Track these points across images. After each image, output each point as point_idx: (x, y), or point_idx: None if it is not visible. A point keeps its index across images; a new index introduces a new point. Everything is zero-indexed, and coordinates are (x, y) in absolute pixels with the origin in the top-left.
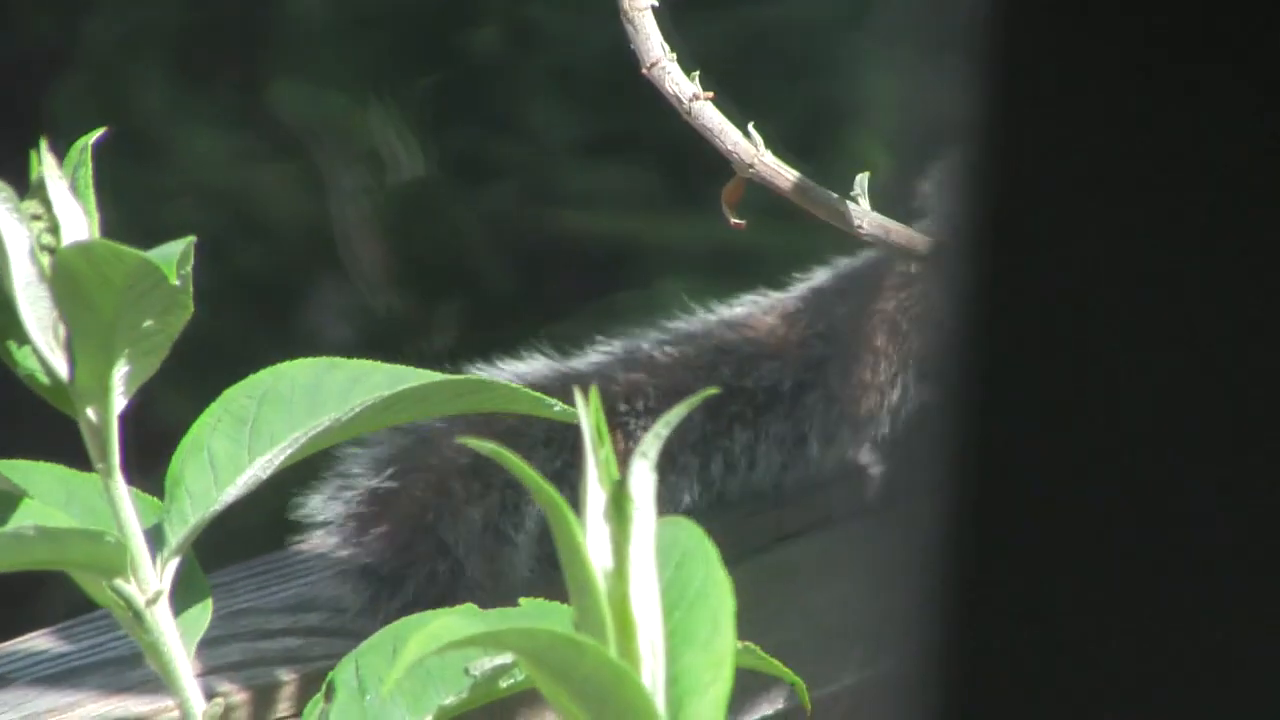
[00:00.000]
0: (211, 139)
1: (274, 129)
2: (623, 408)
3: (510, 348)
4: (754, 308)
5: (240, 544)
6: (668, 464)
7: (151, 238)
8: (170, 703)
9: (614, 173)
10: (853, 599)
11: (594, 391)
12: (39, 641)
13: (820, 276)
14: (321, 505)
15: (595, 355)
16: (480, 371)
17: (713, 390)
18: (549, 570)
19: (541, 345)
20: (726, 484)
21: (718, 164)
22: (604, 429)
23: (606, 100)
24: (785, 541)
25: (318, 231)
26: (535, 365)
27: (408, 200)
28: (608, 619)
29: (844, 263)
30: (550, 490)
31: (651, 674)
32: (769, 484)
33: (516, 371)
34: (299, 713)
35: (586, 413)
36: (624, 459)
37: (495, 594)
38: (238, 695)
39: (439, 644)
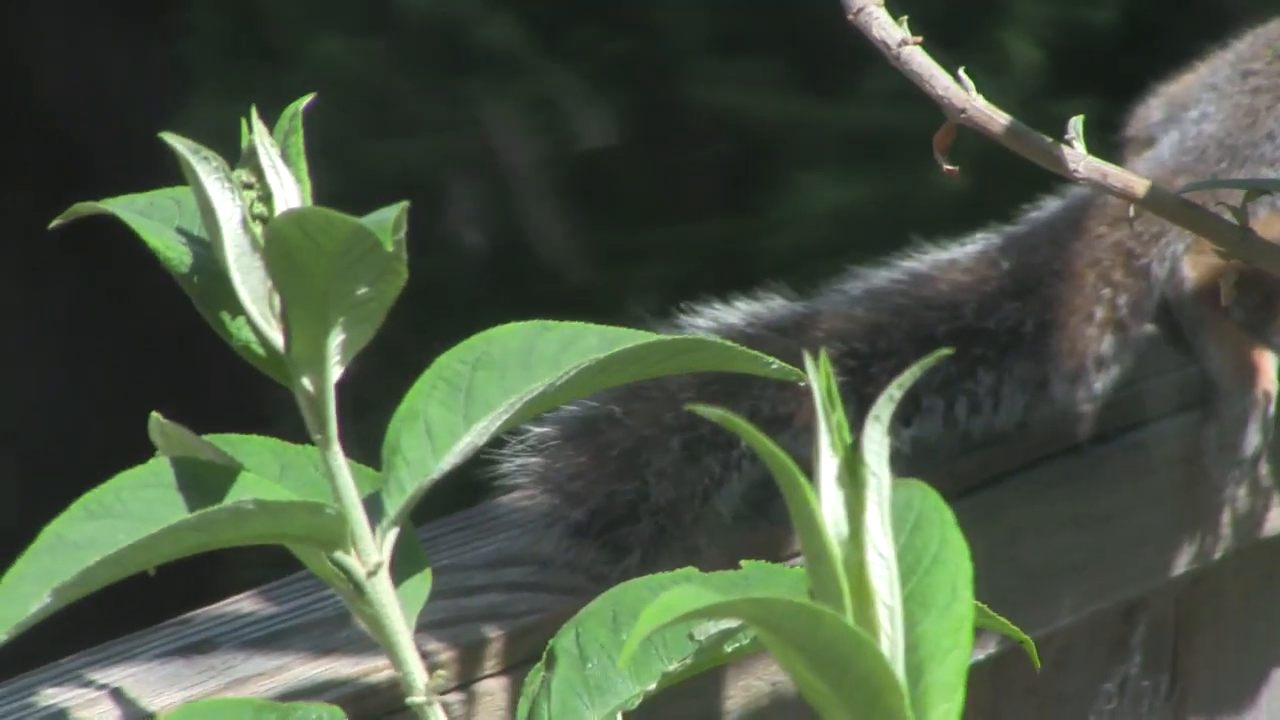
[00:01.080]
0: (343, 42)
1: (404, 33)
2: (864, 349)
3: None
4: (982, 247)
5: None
6: (913, 407)
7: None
8: (379, 663)
9: (747, 65)
10: (1063, 541)
11: (824, 355)
12: (244, 604)
13: (1035, 215)
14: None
15: (834, 295)
16: (716, 310)
17: (946, 351)
18: (757, 519)
19: (779, 285)
20: (971, 425)
21: (848, 52)
22: (835, 392)
23: None
24: (993, 483)
25: (453, 139)
26: (773, 305)
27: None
28: (844, 586)
29: (1053, 202)
30: (782, 456)
31: (890, 641)
32: (1013, 425)
33: (753, 312)
34: (505, 669)
35: (817, 376)
36: (865, 405)
37: (704, 541)
38: (443, 653)
39: (672, 615)
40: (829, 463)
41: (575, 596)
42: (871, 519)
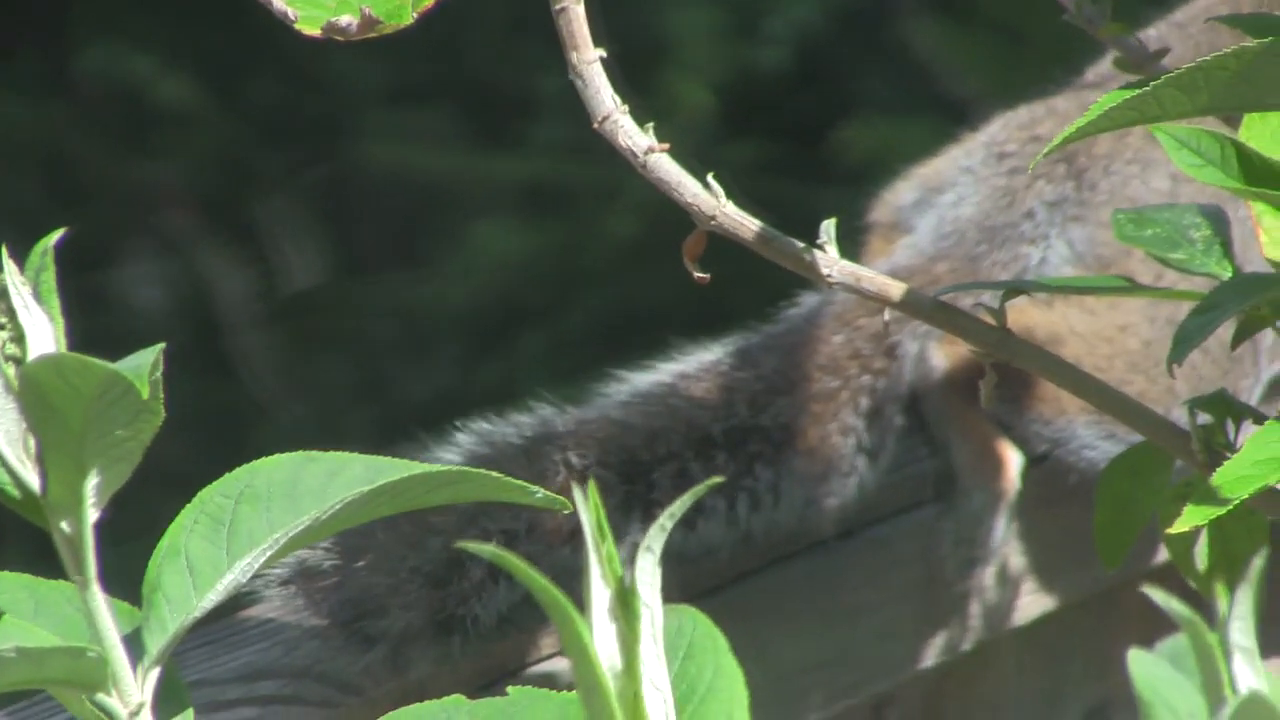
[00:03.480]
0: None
1: (83, 95)
2: (645, 456)
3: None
4: (743, 345)
5: None
6: (694, 509)
7: None
8: None
9: (422, 117)
10: (809, 636)
11: (592, 486)
12: None
13: (793, 312)
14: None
15: (601, 400)
16: (489, 425)
17: (717, 480)
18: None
19: (544, 396)
20: (753, 523)
21: (522, 103)
22: (605, 524)
23: (409, 48)
24: (739, 581)
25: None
26: (544, 415)
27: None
28: None
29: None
30: (554, 591)
31: None
32: (794, 520)
33: (525, 424)
34: None
35: (586, 508)
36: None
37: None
38: None
39: None
40: (601, 595)
41: (329, 709)
42: (646, 651)
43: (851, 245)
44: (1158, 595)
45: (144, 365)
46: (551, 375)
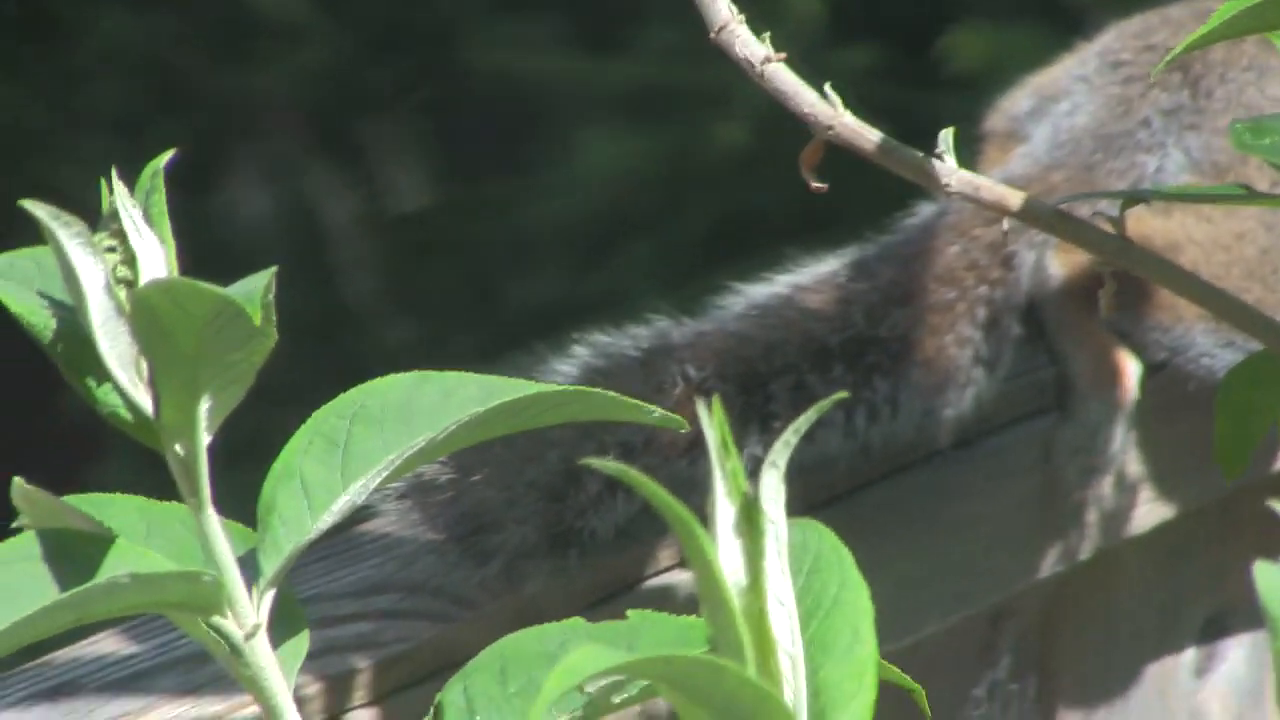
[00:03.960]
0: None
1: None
2: (761, 368)
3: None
4: (859, 256)
5: None
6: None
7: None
8: (244, 698)
9: (528, 23)
10: (926, 547)
11: (717, 402)
12: (105, 644)
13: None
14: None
15: (718, 313)
16: (606, 338)
17: (842, 395)
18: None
19: (660, 307)
20: (871, 435)
21: (629, 7)
22: (729, 440)
23: None
24: (856, 492)
25: (236, 108)
26: (660, 327)
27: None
28: (745, 637)
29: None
30: (678, 508)
31: (793, 690)
32: (913, 431)
33: (641, 335)
34: (375, 700)
35: (710, 424)
36: (767, 425)
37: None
38: (311, 685)
39: (578, 679)
40: (726, 511)
41: (444, 623)
42: (771, 567)
43: (964, 154)
44: None
45: (256, 290)
46: (660, 284)
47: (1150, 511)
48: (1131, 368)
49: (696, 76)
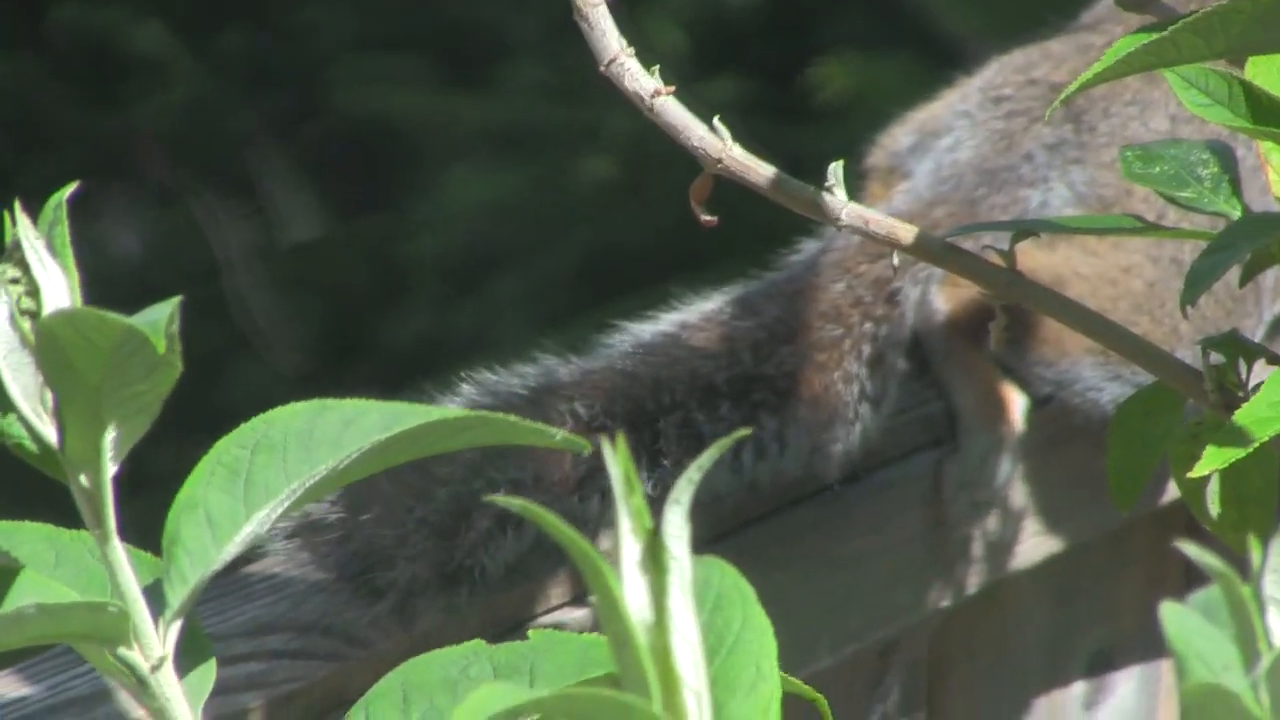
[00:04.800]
0: None
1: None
2: (649, 406)
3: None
4: (744, 293)
5: None
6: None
7: None
8: None
9: (392, 62)
10: (815, 582)
11: (621, 438)
12: None
13: (794, 258)
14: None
15: (605, 351)
16: (494, 376)
17: (745, 432)
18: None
19: (546, 344)
20: (758, 471)
21: (494, 46)
22: (634, 476)
23: None
24: (747, 527)
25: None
26: (548, 365)
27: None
28: (651, 673)
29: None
30: (584, 544)
31: None
32: (799, 468)
33: (529, 374)
34: None
35: (615, 461)
36: (655, 462)
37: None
38: None
39: (484, 716)
40: (631, 548)
41: (337, 662)
42: (675, 604)
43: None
44: (1191, 549)
45: (161, 319)
46: (531, 318)
47: (1039, 545)
48: (1017, 401)
49: (562, 113)
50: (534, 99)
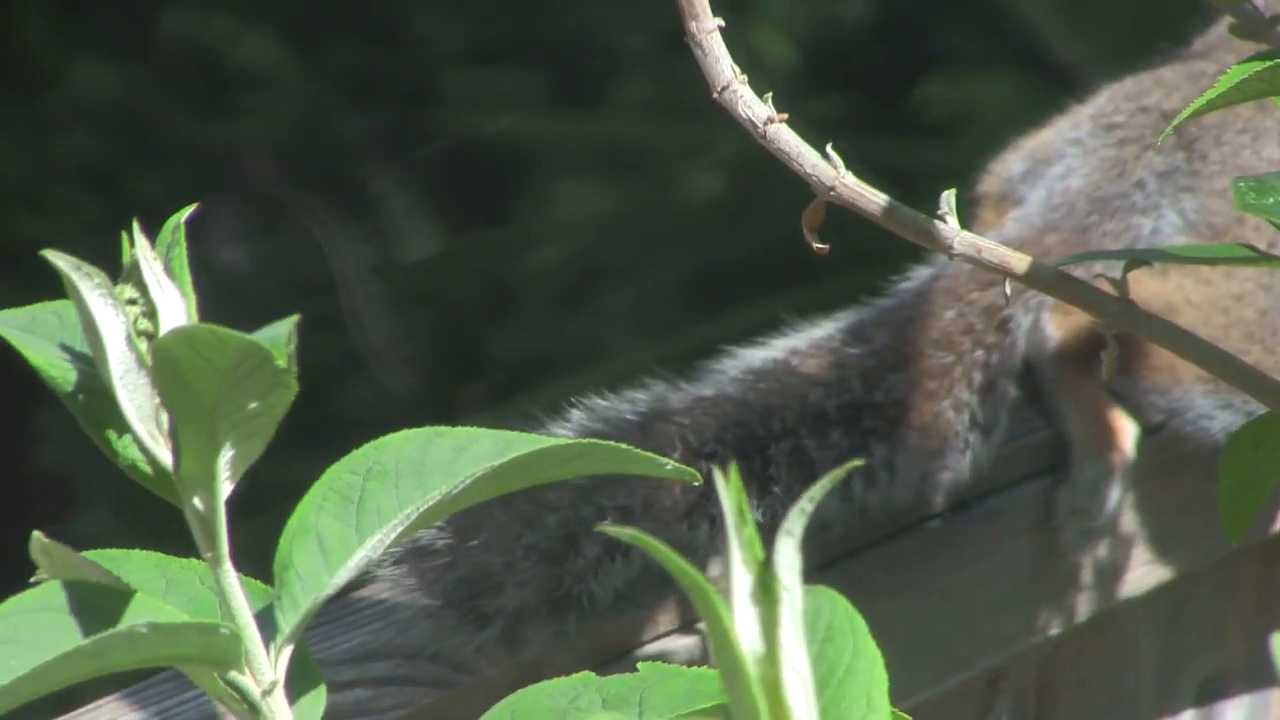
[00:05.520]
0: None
1: (164, 57)
2: (760, 433)
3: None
4: (854, 320)
5: None
6: (809, 484)
7: (45, 171)
8: None
9: (503, 77)
10: (923, 609)
11: (733, 469)
12: (107, 709)
13: (904, 286)
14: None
15: (715, 377)
16: (605, 402)
17: (857, 463)
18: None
19: (659, 371)
20: (868, 498)
21: (604, 61)
22: (746, 507)
23: (490, 5)
24: (854, 555)
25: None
26: (658, 392)
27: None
28: (761, 705)
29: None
30: (696, 574)
31: None
32: (911, 495)
33: (640, 400)
34: None
35: (727, 492)
36: (765, 490)
37: (573, 625)
38: None
39: None
40: (742, 579)
41: (443, 689)
42: (786, 635)
43: (933, 204)
44: None
45: (280, 336)
46: (638, 333)
47: (1148, 573)
48: (1128, 429)
49: (671, 130)
50: (643, 115)
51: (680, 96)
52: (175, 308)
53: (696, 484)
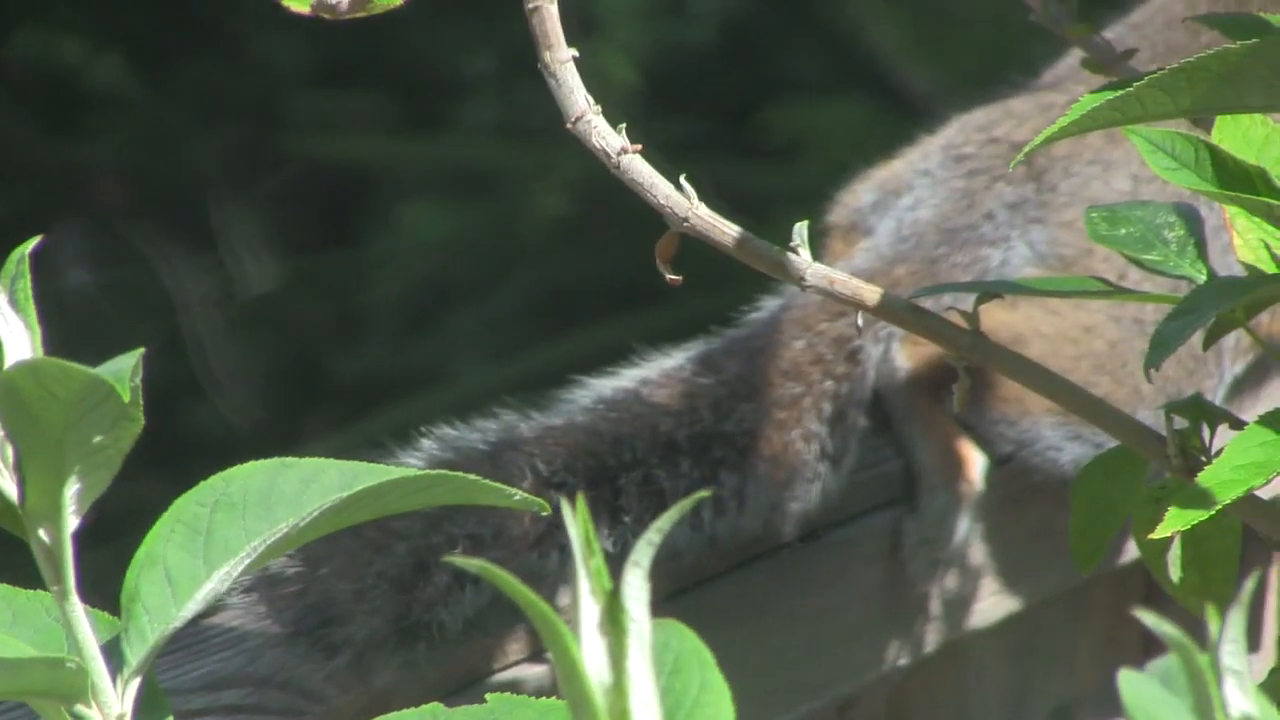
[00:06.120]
0: None
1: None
2: (611, 462)
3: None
4: (705, 350)
5: None
6: (659, 513)
7: None
8: None
9: (349, 100)
10: (773, 638)
11: (581, 500)
12: None
13: (754, 316)
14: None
15: (565, 406)
16: (454, 431)
17: (704, 494)
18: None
19: (509, 400)
20: (717, 528)
21: (448, 85)
22: (593, 538)
23: (333, 26)
24: (704, 584)
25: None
26: (508, 421)
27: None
28: None
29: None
30: (543, 606)
31: None
32: (759, 525)
33: (490, 429)
34: None
35: (574, 522)
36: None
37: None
38: None
39: None
40: (590, 610)
41: (293, 717)
42: (635, 666)
43: (778, 229)
44: (1149, 617)
45: (124, 370)
46: (484, 355)
47: (997, 603)
48: (977, 459)
49: (514, 152)
50: (488, 137)
51: (525, 119)
52: (21, 340)
53: (545, 514)
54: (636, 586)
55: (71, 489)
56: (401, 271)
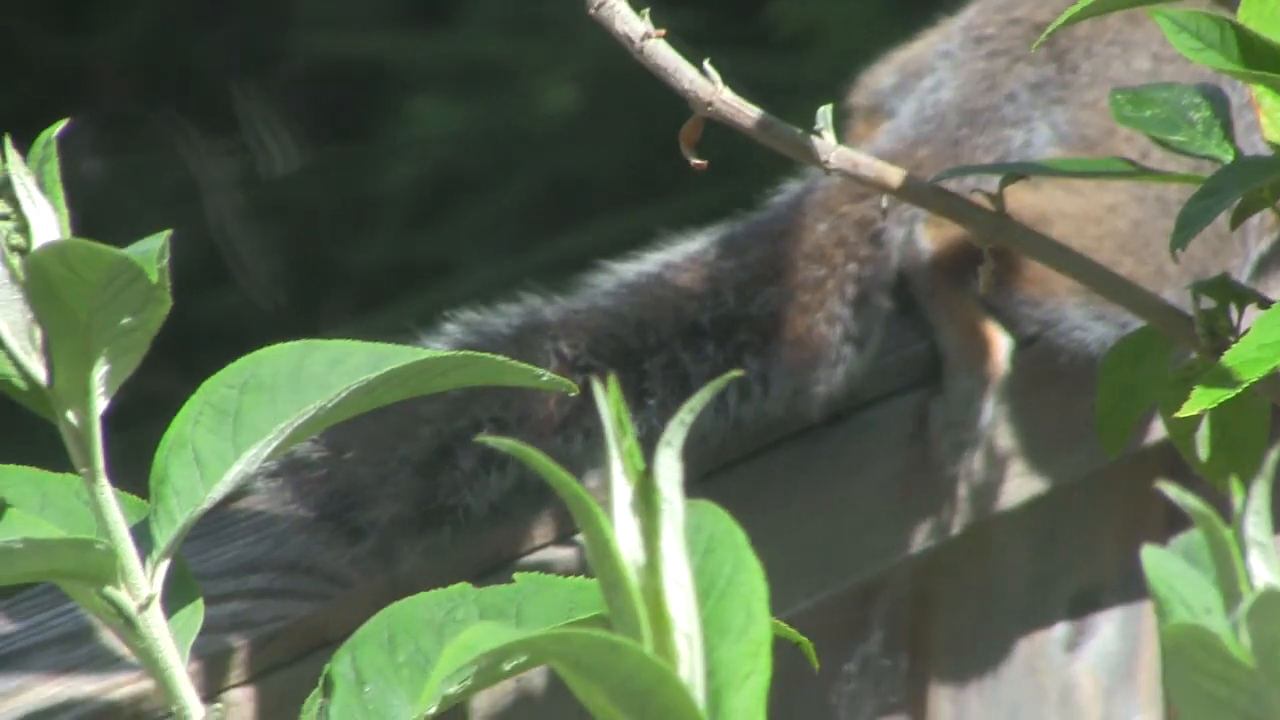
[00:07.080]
0: None
1: None
2: (634, 345)
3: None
4: (728, 234)
5: None
6: (684, 397)
7: None
8: (120, 679)
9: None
10: (798, 522)
11: (613, 381)
12: None
13: (778, 199)
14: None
15: (589, 291)
16: (478, 316)
17: (737, 373)
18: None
19: (532, 284)
20: (742, 412)
21: None
22: (625, 418)
23: None
24: (727, 469)
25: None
26: (532, 305)
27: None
28: (642, 615)
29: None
30: (576, 485)
31: (689, 669)
32: (783, 409)
33: (514, 314)
34: (250, 678)
35: (606, 403)
36: (641, 402)
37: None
38: (190, 665)
39: (474, 655)
40: (623, 490)
41: (319, 601)
42: (668, 546)
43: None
44: (1172, 490)
45: (152, 251)
46: (494, 247)
47: (1021, 486)
48: (1002, 341)
49: (524, 46)
50: (499, 30)
51: (536, 11)
52: (48, 223)
53: (572, 395)
54: (669, 466)
55: (100, 371)
56: (413, 164)
